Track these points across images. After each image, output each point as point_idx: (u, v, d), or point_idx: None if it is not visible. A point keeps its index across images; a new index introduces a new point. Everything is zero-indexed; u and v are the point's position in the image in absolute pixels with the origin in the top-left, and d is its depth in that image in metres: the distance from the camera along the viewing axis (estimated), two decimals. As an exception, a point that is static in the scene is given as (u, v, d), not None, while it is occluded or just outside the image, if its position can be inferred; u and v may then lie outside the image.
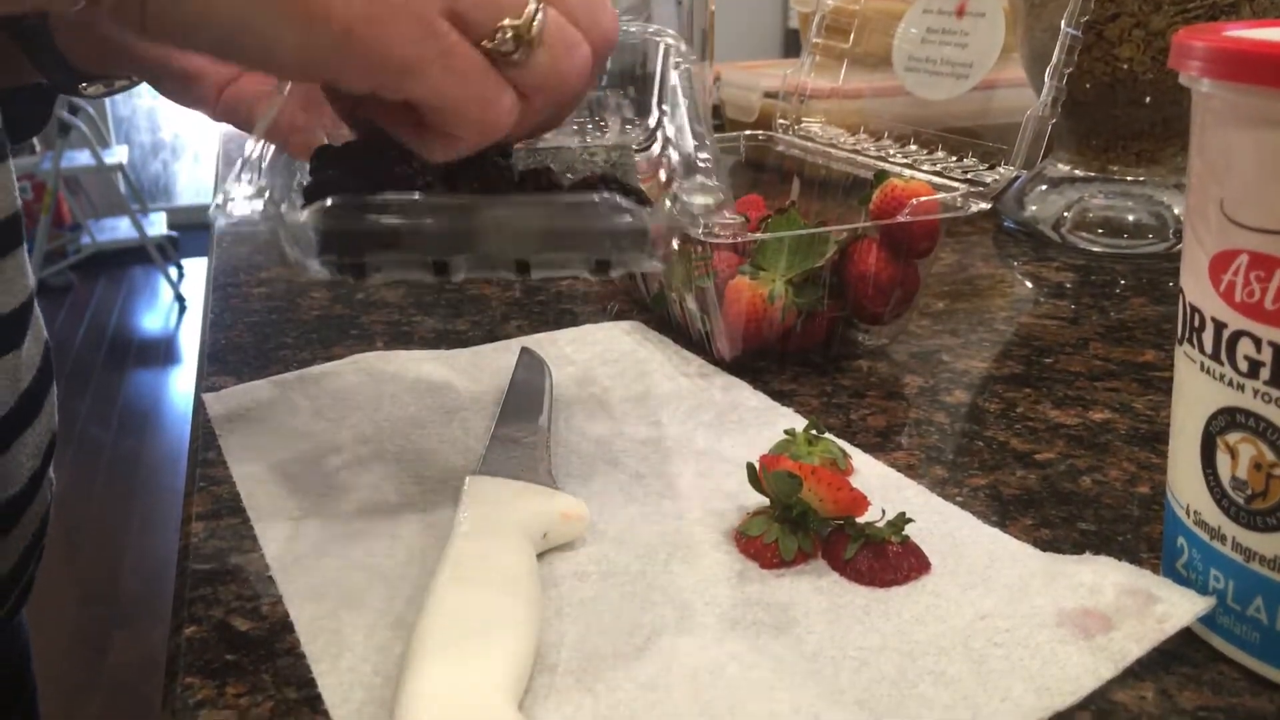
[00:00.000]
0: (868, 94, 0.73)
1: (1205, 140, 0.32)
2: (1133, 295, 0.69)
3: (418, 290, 0.70)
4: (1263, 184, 0.30)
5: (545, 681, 0.33)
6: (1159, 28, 0.71)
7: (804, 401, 0.53)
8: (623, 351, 0.59)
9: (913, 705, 0.31)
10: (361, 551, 0.40)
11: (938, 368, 0.58)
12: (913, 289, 0.57)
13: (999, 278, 0.73)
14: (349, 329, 0.64)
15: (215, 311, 0.67)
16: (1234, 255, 0.31)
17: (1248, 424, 0.31)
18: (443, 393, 0.53)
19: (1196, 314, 0.33)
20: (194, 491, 0.45)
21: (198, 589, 0.38)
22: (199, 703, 0.33)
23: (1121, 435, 0.49)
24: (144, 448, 2.76)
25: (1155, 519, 0.42)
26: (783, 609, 0.36)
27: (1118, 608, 0.35)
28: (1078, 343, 0.61)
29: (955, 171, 0.61)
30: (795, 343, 0.57)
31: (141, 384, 3.19)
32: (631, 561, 0.39)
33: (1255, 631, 0.33)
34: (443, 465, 0.46)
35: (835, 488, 0.39)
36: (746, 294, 0.54)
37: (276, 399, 0.53)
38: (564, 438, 0.49)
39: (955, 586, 0.37)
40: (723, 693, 0.32)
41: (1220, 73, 0.31)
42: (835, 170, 0.68)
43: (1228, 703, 0.32)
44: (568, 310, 0.67)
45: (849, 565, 0.38)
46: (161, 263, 3.89)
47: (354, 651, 0.34)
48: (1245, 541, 0.32)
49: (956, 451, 0.48)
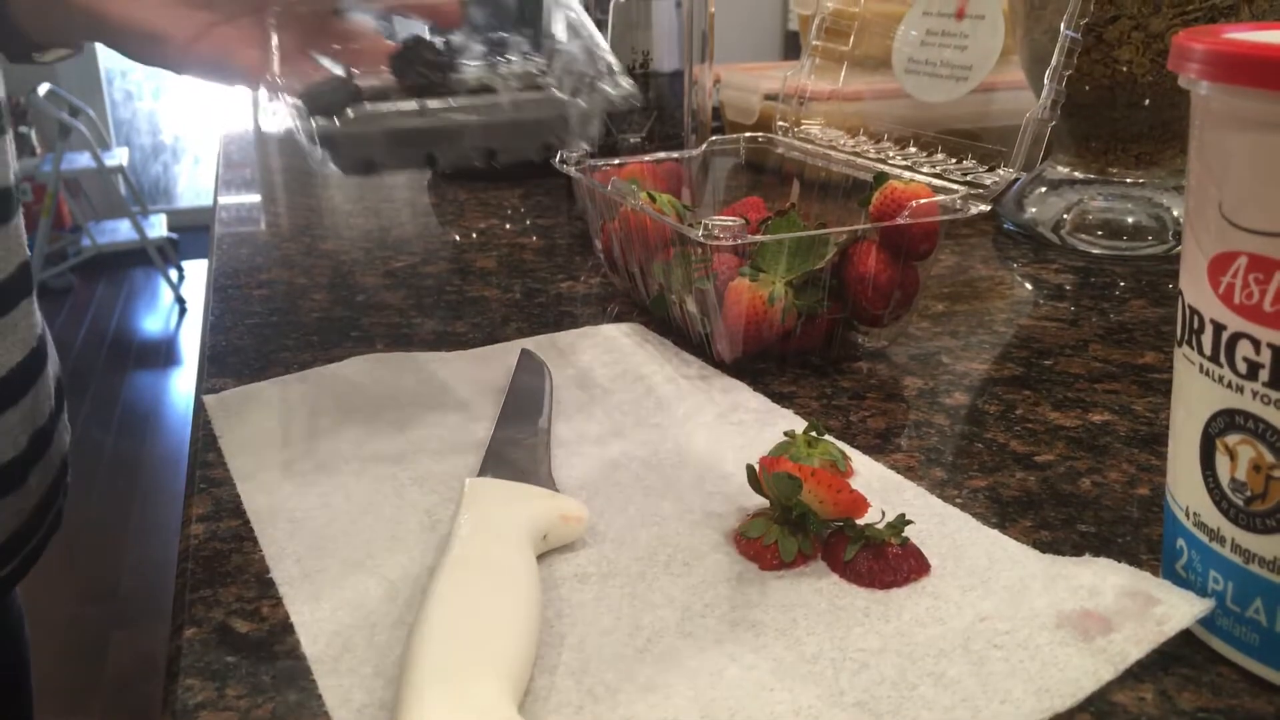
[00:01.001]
0: (867, 96, 0.74)
1: (1204, 142, 0.32)
2: (1132, 297, 0.69)
3: (418, 292, 0.70)
4: (1262, 186, 0.30)
5: (545, 683, 0.33)
6: (1158, 30, 0.71)
7: (804, 403, 0.53)
8: (622, 353, 0.59)
9: (912, 707, 0.31)
10: (362, 553, 0.40)
11: (937, 370, 0.58)
12: (912, 291, 0.57)
13: (998, 280, 0.73)
14: (349, 331, 0.64)
15: (215, 313, 0.67)
16: (1233, 257, 0.31)
17: (1247, 426, 0.32)
18: (442, 395, 0.54)
19: (1196, 316, 0.33)
20: (194, 493, 0.45)
21: (198, 590, 0.38)
22: (199, 704, 0.33)
23: (1121, 437, 0.49)
24: (144, 449, 2.76)
25: (1155, 521, 0.42)
26: (782, 611, 0.36)
27: (1117, 610, 0.35)
28: (1077, 345, 0.61)
29: (955, 174, 0.62)
30: (795, 345, 0.57)
31: (142, 386, 3.19)
32: (631, 563, 0.39)
33: (1254, 633, 0.33)
34: (443, 467, 0.46)
35: (835, 489, 0.39)
36: (746, 296, 0.54)
37: (277, 401, 0.53)
38: (564, 440, 0.49)
39: (955, 588, 0.37)
40: (723, 694, 0.32)
41: (1219, 75, 0.31)
42: (835, 172, 0.68)
43: (1227, 704, 0.32)
44: (567, 312, 0.67)
45: (849, 567, 0.38)
46: (162, 265, 3.89)
47: (354, 653, 0.34)
48: (1244, 543, 0.32)
49: (956, 453, 0.48)
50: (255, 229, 0.89)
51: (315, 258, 0.79)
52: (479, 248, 0.82)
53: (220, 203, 0.99)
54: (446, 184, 1.05)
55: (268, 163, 1.20)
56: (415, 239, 0.85)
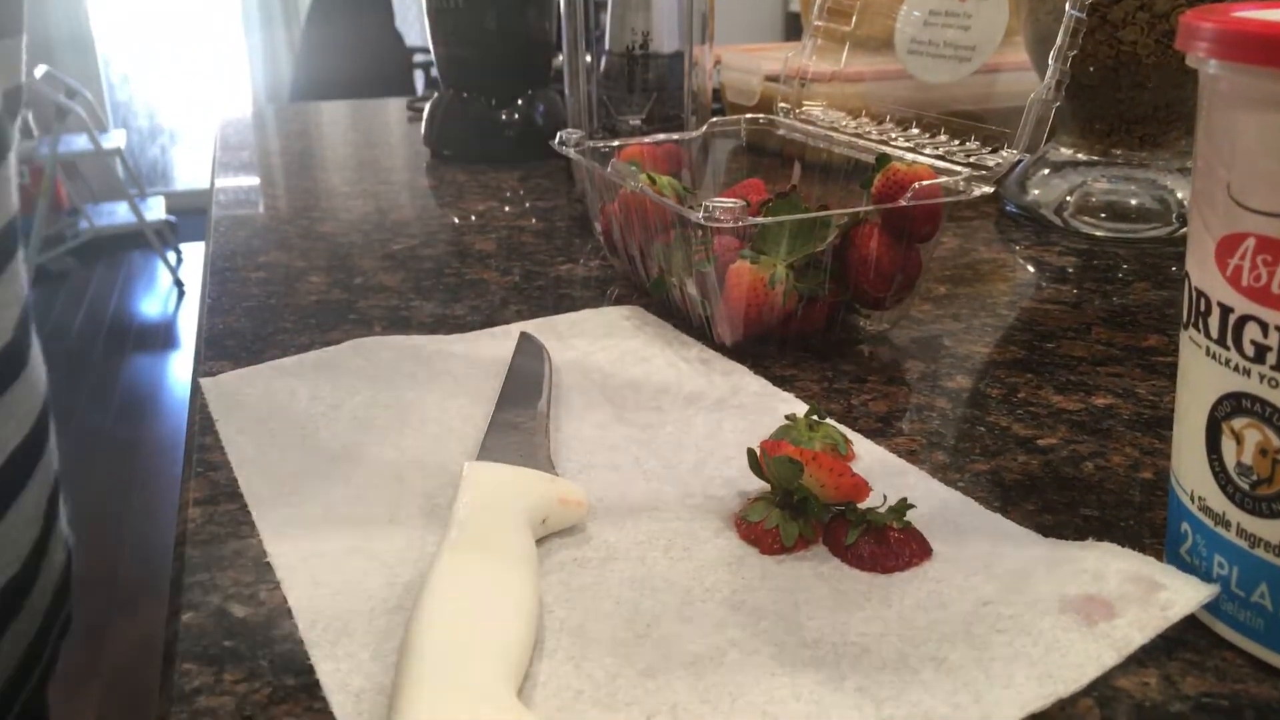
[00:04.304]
0: (870, 77, 0.73)
1: (1212, 123, 0.32)
2: (1136, 280, 0.69)
3: (416, 275, 0.70)
4: (1270, 167, 0.30)
5: (544, 668, 0.33)
6: (1163, 10, 0.70)
7: (805, 386, 0.53)
8: (622, 336, 0.59)
9: (914, 692, 0.31)
10: (360, 537, 0.40)
11: (939, 352, 0.57)
12: (914, 273, 0.57)
13: (1001, 262, 0.73)
14: (347, 314, 0.63)
15: (213, 296, 0.67)
16: (1241, 239, 0.31)
17: (1253, 409, 0.31)
18: (441, 378, 0.53)
19: (1202, 298, 0.33)
20: (191, 477, 0.45)
21: (195, 575, 0.38)
22: (196, 689, 0.32)
23: (1124, 420, 0.49)
24: (142, 433, 2.76)
25: (1158, 505, 0.42)
26: (783, 595, 0.36)
27: (1121, 594, 0.34)
28: (1080, 327, 0.61)
29: (958, 155, 0.61)
30: (796, 327, 0.57)
31: (140, 369, 3.19)
32: (631, 547, 0.39)
33: (1259, 618, 0.33)
34: (441, 450, 0.46)
35: (836, 473, 0.38)
36: (747, 278, 0.54)
37: (274, 384, 0.52)
38: (563, 423, 0.49)
39: (957, 572, 0.37)
40: (723, 679, 0.32)
41: (1228, 53, 0.30)
42: (837, 154, 0.67)
43: (1231, 689, 0.32)
44: (566, 295, 0.67)
45: (850, 551, 0.38)
46: (160, 247, 3.88)
47: (352, 637, 0.34)
48: (1250, 527, 0.32)
49: (958, 437, 0.48)
50: (253, 211, 0.88)
51: (313, 240, 0.79)
52: (478, 230, 0.82)
53: (218, 185, 0.99)
54: (445, 166, 1.04)
55: (266, 145, 1.19)
56: (414, 221, 0.84)
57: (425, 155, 1.09)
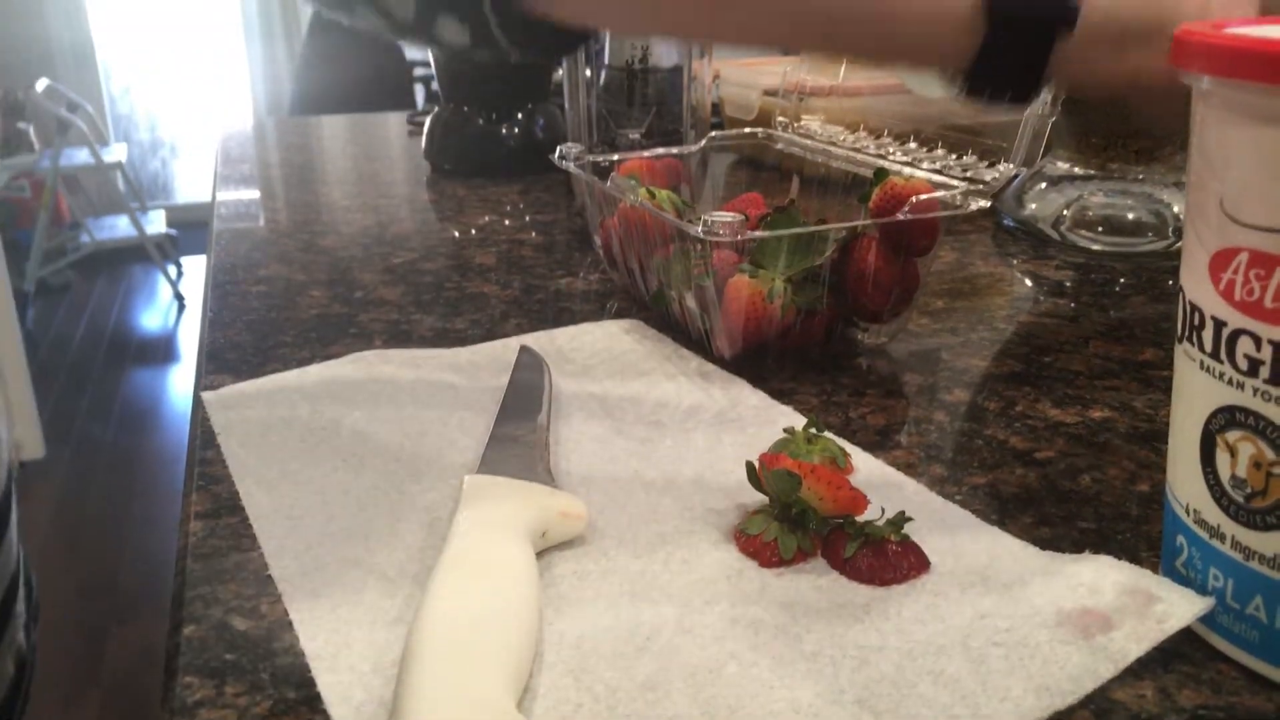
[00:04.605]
0: (867, 92, 0.73)
1: (1205, 138, 0.32)
2: (1132, 294, 0.69)
3: (416, 289, 0.70)
4: (1263, 181, 0.30)
5: (544, 680, 0.33)
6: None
7: (803, 400, 0.53)
8: (622, 350, 0.59)
9: (912, 704, 0.31)
10: (360, 550, 0.40)
11: (937, 366, 0.58)
12: (912, 287, 0.57)
13: (998, 276, 0.73)
14: (347, 328, 0.64)
15: (214, 310, 0.67)
16: (1234, 253, 0.31)
17: (1247, 422, 0.31)
18: (441, 391, 0.53)
19: (1196, 312, 0.33)
20: (193, 490, 0.45)
21: (197, 588, 0.38)
22: (198, 702, 0.32)
23: (1121, 434, 0.49)
24: (143, 446, 2.76)
25: (1154, 518, 0.42)
26: (782, 608, 0.36)
27: (1117, 607, 0.34)
28: (1077, 341, 0.61)
29: (955, 169, 0.61)
30: (795, 341, 0.57)
31: (140, 383, 3.19)
32: (631, 560, 0.39)
33: (1254, 630, 0.33)
34: (442, 463, 0.46)
35: (835, 486, 0.39)
36: (746, 292, 0.54)
37: (275, 397, 0.53)
38: (563, 436, 0.49)
39: (955, 585, 0.37)
40: (722, 692, 0.32)
41: (1220, 69, 0.31)
42: (835, 168, 0.68)
43: (1227, 701, 0.32)
44: (566, 309, 0.67)
45: (848, 564, 0.38)
46: (160, 261, 3.88)
47: (353, 650, 0.34)
48: (1245, 540, 0.32)
49: (956, 450, 0.48)
50: (254, 225, 0.89)
51: (314, 254, 0.79)
52: (478, 244, 0.82)
53: (219, 199, 0.99)
54: (445, 180, 1.05)
55: (266, 158, 1.20)
56: (414, 235, 0.84)
57: (425, 169, 1.10)
